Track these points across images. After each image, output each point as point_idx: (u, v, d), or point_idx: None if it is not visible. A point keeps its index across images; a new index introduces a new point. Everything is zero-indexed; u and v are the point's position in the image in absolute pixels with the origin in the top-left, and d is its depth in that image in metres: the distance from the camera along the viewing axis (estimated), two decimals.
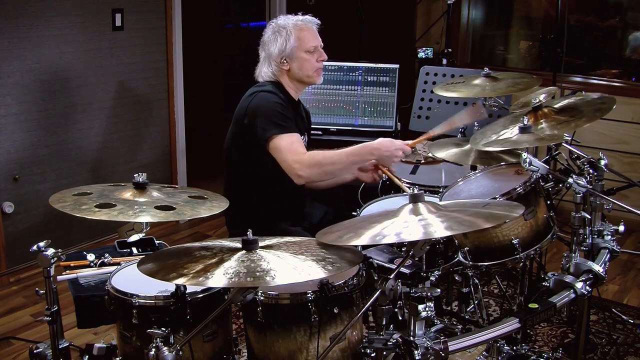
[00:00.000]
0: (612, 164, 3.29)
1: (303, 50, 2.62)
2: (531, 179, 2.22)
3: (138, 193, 1.99)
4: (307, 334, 1.80)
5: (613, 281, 3.74)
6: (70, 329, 2.78)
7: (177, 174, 4.55)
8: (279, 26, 2.65)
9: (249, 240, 1.68)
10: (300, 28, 2.64)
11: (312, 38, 2.65)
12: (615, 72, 4.88)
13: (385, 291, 1.63)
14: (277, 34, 2.64)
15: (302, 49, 2.62)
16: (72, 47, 3.78)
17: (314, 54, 2.65)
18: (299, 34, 2.62)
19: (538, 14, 5.41)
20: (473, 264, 2.28)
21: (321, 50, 2.68)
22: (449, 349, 1.62)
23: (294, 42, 2.61)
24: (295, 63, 2.64)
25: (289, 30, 2.62)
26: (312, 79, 2.70)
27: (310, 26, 2.68)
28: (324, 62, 2.69)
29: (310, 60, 2.64)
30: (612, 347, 2.99)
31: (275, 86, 2.66)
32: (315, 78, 2.70)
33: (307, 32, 2.65)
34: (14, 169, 3.64)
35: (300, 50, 2.62)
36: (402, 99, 3.97)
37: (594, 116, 2.25)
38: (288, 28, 2.63)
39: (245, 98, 2.63)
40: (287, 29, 2.62)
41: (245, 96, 2.65)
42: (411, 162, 3.16)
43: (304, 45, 2.62)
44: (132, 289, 1.93)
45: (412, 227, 1.61)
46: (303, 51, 2.62)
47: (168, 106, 4.41)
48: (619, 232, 2.19)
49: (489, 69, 2.98)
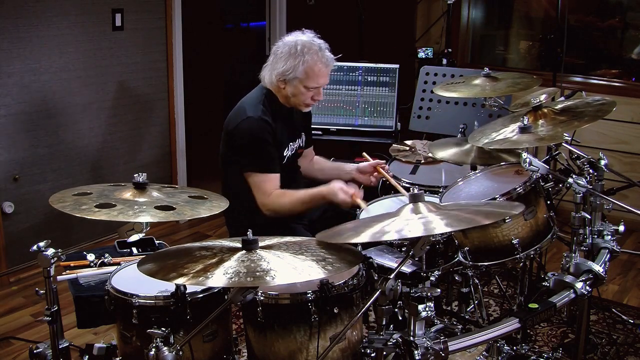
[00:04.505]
0: (612, 164, 3.30)
1: (303, 84, 2.59)
2: (531, 179, 2.22)
3: (138, 193, 1.99)
4: (307, 334, 1.80)
5: (613, 281, 3.74)
6: (70, 329, 2.78)
7: (177, 174, 4.55)
8: (298, 49, 2.57)
9: (249, 240, 1.68)
10: (315, 65, 2.57)
11: (319, 78, 2.60)
12: (615, 72, 4.88)
13: (385, 291, 1.63)
14: (292, 56, 2.57)
15: (303, 83, 2.58)
16: (72, 47, 3.78)
17: (311, 90, 2.62)
18: (310, 70, 2.56)
19: (538, 14, 5.41)
20: (473, 264, 2.28)
21: (321, 90, 2.65)
22: (449, 349, 1.62)
23: (300, 73, 2.57)
24: (290, 88, 2.62)
25: (304, 60, 2.55)
26: (300, 107, 2.69)
27: (326, 66, 2.61)
28: (317, 101, 2.68)
29: (305, 94, 2.62)
30: (612, 347, 2.99)
31: (267, 100, 2.64)
32: (302, 108, 2.70)
33: (318, 70, 2.58)
34: (14, 169, 3.64)
35: (301, 83, 2.59)
36: (402, 99, 3.97)
37: (594, 116, 2.25)
38: (305, 57, 2.55)
39: (236, 114, 2.62)
40: (304, 58, 2.55)
41: (237, 109, 2.64)
42: (411, 162, 3.16)
43: (307, 82, 2.58)
44: (132, 289, 1.93)
45: (412, 224, 1.61)
46: (303, 85, 2.59)
47: (168, 106, 4.41)
48: (619, 232, 2.19)
49: (489, 69, 2.98)
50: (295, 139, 2.77)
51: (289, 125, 2.75)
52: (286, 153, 2.71)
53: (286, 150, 2.71)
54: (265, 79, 2.68)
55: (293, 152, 2.76)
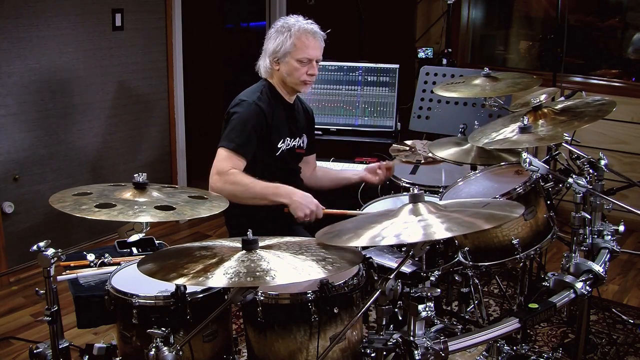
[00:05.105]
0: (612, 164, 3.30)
1: (295, 57, 2.59)
2: (531, 179, 2.22)
3: (138, 193, 1.98)
4: (307, 334, 1.80)
5: (613, 281, 3.74)
6: (70, 329, 2.78)
7: (177, 174, 4.55)
8: (284, 25, 2.63)
9: (249, 240, 1.68)
10: (303, 35, 2.60)
11: (309, 49, 2.61)
12: (615, 72, 4.88)
13: (385, 291, 1.63)
14: (279, 33, 2.63)
15: (294, 57, 2.59)
16: (72, 47, 3.78)
17: (305, 65, 2.62)
18: (298, 40, 2.59)
19: (538, 14, 5.41)
20: (473, 264, 2.28)
21: (314, 64, 2.64)
22: (449, 349, 1.62)
23: (290, 47, 2.59)
24: (284, 67, 2.63)
25: (291, 33, 2.60)
26: (298, 87, 2.67)
27: (313, 37, 2.63)
28: (313, 76, 2.66)
29: (300, 70, 2.61)
30: (612, 347, 2.99)
31: (267, 90, 2.66)
32: (300, 87, 2.67)
33: (307, 41, 2.60)
34: (14, 169, 3.64)
35: (292, 57, 2.60)
36: (402, 99, 3.97)
37: (594, 116, 2.25)
38: (292, 31, 2.60)
39: (232, 102, 2.65)
40: (290, 32, 2.60)
41: (234, 100, 2.66)
42: (411, 162, 3.16)
43: (297, 53, 2.59)
44: (132, 289, 1.93)
45: (412, 228, 1.61)
46: (294, 59, 2.59)
47: (168, 106, 4.41)
48: (619, 232, 2.19)
49: (489, 69, 2.98)
50: (294, 136, 2.76)
51: (290, 118, 2.74)
52: (281, 145, 2.67)
53: (281, 142, 2.68)
54: (260, 68, 2.71)
55: (289, 147, 2.73)
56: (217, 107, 6.05)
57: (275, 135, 2.65)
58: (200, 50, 5.51)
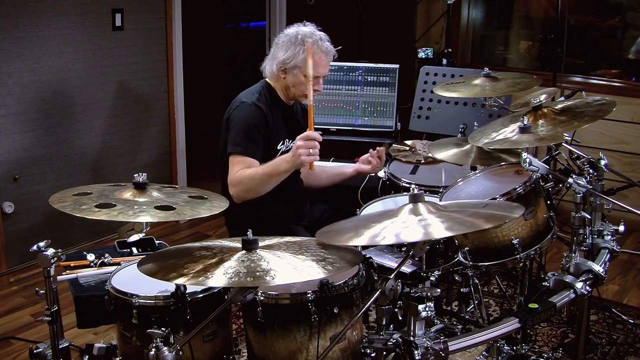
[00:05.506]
0: (612, 164, 3.30)
1: (304, 72, 2.57)
2: (531, 179, 2.22)
3: (138, 193, 1.99)
4: (307, 334, 1.80)
5: (613, 281, 3.74)
6: (70, 329, 2.78)
7: (177, 174, 4.55)
8: (299, 38, 2.59)
9: (249, 240, 1.68)
10: (316, 53, 2.56)
11: (320, 67, 2.60)
12: (615, 72, 4.88)
13: (385, 291, 1.63)
14: (292, 44, 2.60)
15: (303, 72, 2.57)
16: (72, 47, 3.78)
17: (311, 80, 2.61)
18: (310, 57, 2.53)
19: (538, 14, 5.41)
20: (473, 264, 2.28)
21: (320, 80, 2.64)
22: (449, 349, 1.62)
23: (301, 61, 2.57)
24: (291, 78, 2.63)
25: (305, 48, 2.55)
26: (300, 98, 2.69)
27: (326, 56, 2.62)
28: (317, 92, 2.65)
29: (306, 84, 2.58)
30: (612, 347, 2.99)
31: (266, 91, 2.66)
32: (302, 99, 2.68)
33: (319, 60, 2.58)
34: (14, 169, 3.64)
35: (301, 71, 2.59)
36: (402, 99, 3.97)
37: (594, 116, 2.25)
38: (305, 45, 2.55)
39: (232, 105, 2.65)
40: (304, 47, 2.56)
41: (233, 102, 2.66)
42: (411, 162, 3.16)
43: (307, 69, 2.54)
44: (132, 289, 1.93)
45: (412, 227, 1.61)
46: (303, 73, 2.58)
47: (168, 106, 4.41)
48: (619, 232, 2.19)
49: (489, 69, 2.98)
50: (293, 138, 2.75)
51: (289, 120, 2.74)
52: (280, 147, 2.68)
53: (280, 143, 2.68)
54: (265, 70, 2.71)
55: (289, 149, 2.73)
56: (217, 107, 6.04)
57: (274, 137, 2.65)
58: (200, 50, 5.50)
